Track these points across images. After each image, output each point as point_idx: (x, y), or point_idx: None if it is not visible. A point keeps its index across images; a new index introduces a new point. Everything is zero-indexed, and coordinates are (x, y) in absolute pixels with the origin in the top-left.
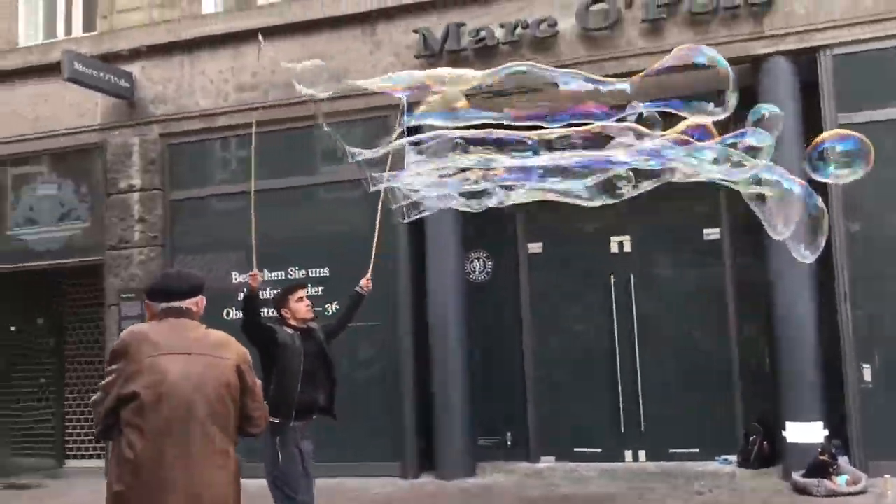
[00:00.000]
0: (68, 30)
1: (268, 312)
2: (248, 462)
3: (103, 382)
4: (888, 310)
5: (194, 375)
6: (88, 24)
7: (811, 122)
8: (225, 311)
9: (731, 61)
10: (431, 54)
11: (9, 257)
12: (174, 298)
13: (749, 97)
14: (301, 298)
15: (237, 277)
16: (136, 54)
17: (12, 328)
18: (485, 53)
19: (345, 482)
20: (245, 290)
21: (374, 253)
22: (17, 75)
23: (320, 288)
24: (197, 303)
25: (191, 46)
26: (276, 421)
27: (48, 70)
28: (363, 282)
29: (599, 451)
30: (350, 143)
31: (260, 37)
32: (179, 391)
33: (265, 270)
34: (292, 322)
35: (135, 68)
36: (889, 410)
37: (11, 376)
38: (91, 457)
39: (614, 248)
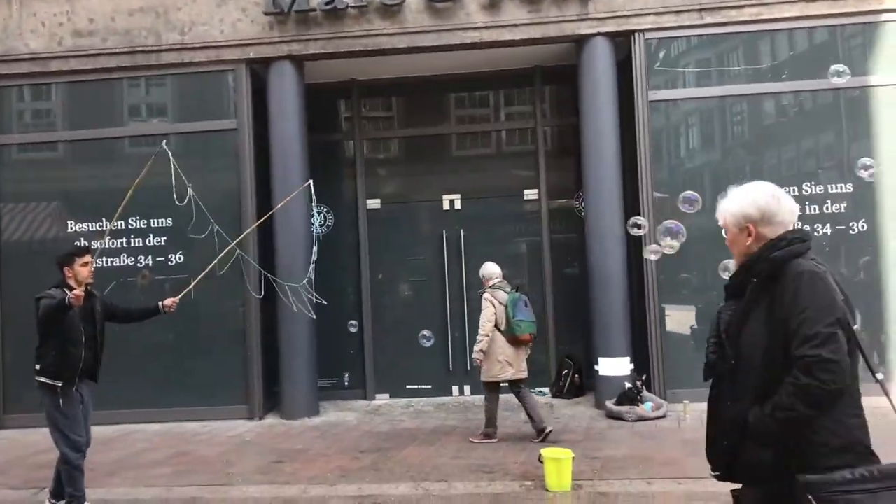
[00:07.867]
0: None
1: None
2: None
3: None
4: (686, 266)
5: None
6: None
7: (624, 96)
8: None
9: (559, 39)
10: (280, 12)
11: None
12: None
13: (572, 72)
14: (86, 263)
15: None
16: None
17: None
18: (333, 16)
19: (191, 426)
20: (67, 300)
21: (192, 284)
22: None
23: (163, 238)
24: None
25: None
26: (59, 385)
27: None
28: (169, 301)
29: (430, 387)
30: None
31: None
32: None
33: (104, 220)
34: (72, 283)
35: None
36: (683, 348)
37: None
38: None
39: (446, 206)
